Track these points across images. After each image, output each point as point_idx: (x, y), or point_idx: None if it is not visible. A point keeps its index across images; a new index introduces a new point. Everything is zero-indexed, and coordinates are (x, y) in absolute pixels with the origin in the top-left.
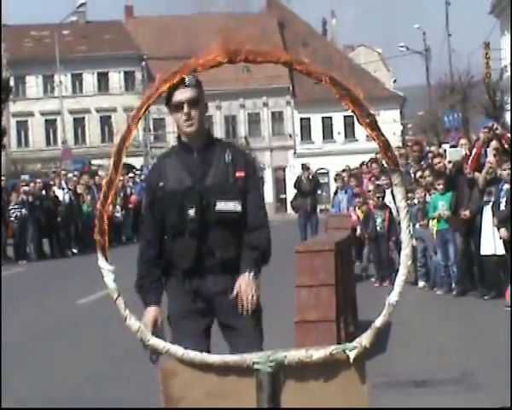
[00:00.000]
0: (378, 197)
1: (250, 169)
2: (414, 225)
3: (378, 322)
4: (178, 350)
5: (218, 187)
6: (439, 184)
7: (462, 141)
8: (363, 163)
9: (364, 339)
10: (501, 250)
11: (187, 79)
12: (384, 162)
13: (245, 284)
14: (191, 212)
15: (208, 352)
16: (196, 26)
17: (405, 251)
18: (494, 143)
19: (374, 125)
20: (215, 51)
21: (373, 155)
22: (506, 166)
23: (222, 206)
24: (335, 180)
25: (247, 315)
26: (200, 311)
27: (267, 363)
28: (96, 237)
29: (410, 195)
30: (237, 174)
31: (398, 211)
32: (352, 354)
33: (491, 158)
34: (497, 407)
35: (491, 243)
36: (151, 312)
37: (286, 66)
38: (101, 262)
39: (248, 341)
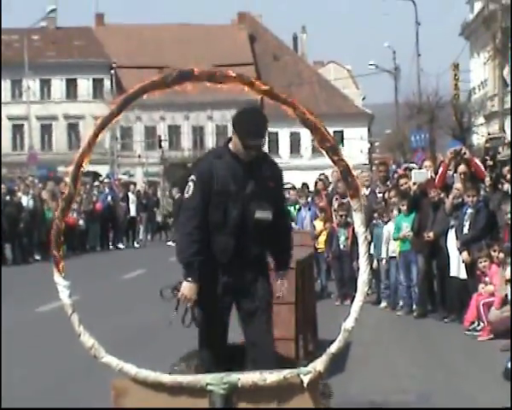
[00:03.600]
0: (341, 215)
1: (279, 180)
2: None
3: (333, 348)
4: (131, 369)
5: (256, 196)
6: (403, 205)
7: (427, 163)
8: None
9: (319, 364)
10: (463, 275)
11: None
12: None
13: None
14: (234, 213)
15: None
16: (167, 36)
17: (362, 277)
18: (462, 168)
19: (334, 151)
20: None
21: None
22: (470, 193)
23: (259, 214)
24: (299, 197)
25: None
26: (228, 305)
27: (220, 385)
28: (52, 253)
29: (375, 215)
30: (270, 185)
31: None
32: (305, 379)
33: (458, 184)
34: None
35: (456, 265)
36: (195, 288)
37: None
38: (57, 278)
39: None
